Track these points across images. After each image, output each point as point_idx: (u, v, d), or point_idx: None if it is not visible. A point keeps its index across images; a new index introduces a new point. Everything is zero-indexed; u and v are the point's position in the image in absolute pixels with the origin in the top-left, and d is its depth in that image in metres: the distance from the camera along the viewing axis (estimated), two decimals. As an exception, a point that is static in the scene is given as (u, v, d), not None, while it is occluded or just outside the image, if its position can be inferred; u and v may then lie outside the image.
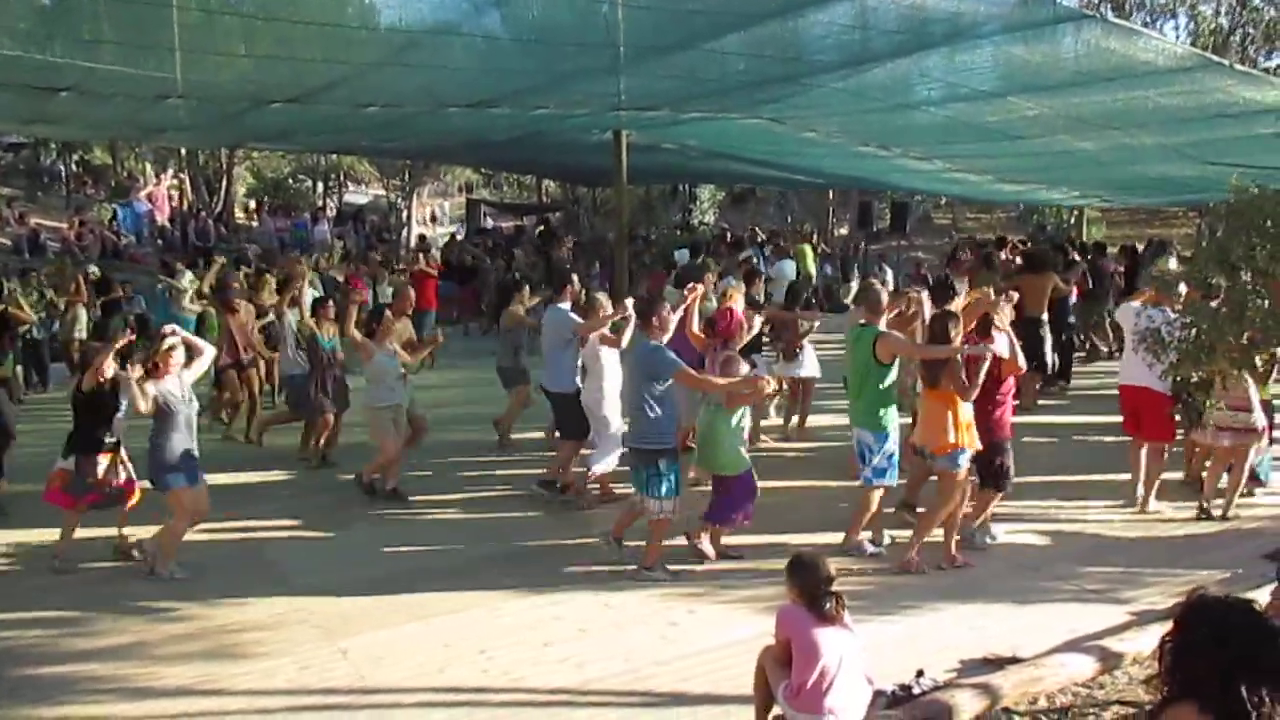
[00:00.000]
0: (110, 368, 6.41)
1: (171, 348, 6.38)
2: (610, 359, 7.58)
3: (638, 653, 5.29)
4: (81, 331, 13.09)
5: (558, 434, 8.18)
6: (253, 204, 31.77)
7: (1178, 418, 7.78)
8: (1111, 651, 5.00)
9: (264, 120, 9.83)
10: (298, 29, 7.03)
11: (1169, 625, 2.48)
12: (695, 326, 7.74)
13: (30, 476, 7.54)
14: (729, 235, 24.64)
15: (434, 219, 35.99)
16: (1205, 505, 7.37)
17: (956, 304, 7.41)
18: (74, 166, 29.01)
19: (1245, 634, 2.37)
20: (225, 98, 8.46)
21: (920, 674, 4.84)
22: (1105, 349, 13.62)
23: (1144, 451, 7.55)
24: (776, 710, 4.27)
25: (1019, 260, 12.66)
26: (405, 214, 31.22)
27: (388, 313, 8.44)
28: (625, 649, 5.33)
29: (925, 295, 8.31)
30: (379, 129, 11.26)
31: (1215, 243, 6.73)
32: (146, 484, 6.52)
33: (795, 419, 9.74)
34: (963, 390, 6.18)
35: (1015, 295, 7.43)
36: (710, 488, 6.69)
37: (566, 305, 7.96)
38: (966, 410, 6.27)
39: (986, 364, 6.24)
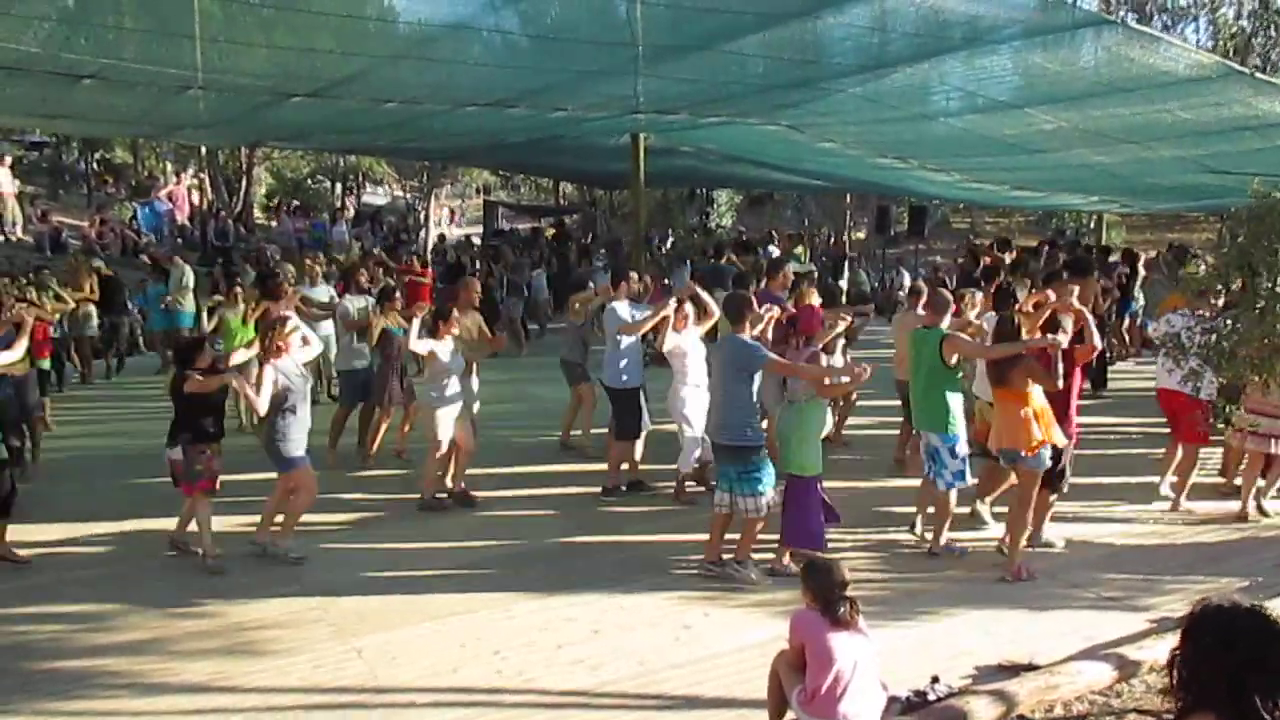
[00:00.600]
0: (216, 381, 6.52)
1: (293, 329, 6.68)
2: (693, 362, 7.61)
3: (651, 655, 5.28)
4: (93, 330, 13.18)
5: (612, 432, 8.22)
6: (277, 202, 31.90)
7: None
8: (1129, 659, 4.96)
9: (283, 116, 9.88)
10: (317, 20, 7.07)
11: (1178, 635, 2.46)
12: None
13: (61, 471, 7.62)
14: (745, 238, 24.61)
15: (451, 218, 36.06)
16: (1244, 508, 7.37)
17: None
18: (95, 165, 29.20)
19: (1253, 636, 2.35)
20: (245, 90, 8.50)
21: (935, 680, 4.81)
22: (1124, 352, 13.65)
23: (1178, 452, 7.64)
24: (790, 715, 4.25)
25: (1063, 265, 12.48)
26: (423, 215, 31.30)
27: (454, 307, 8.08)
28: (639, 651, 5.32)
29: (980, 297, 8.28)
30: (397, 127, 11.29)
31: (1236, 247, 6.68)
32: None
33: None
34: (1049, 380, 6.11)
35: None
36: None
37: (624, 302, 7.99)
38: (1043, 404, 6.21)
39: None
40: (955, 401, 6.59)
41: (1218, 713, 2.34)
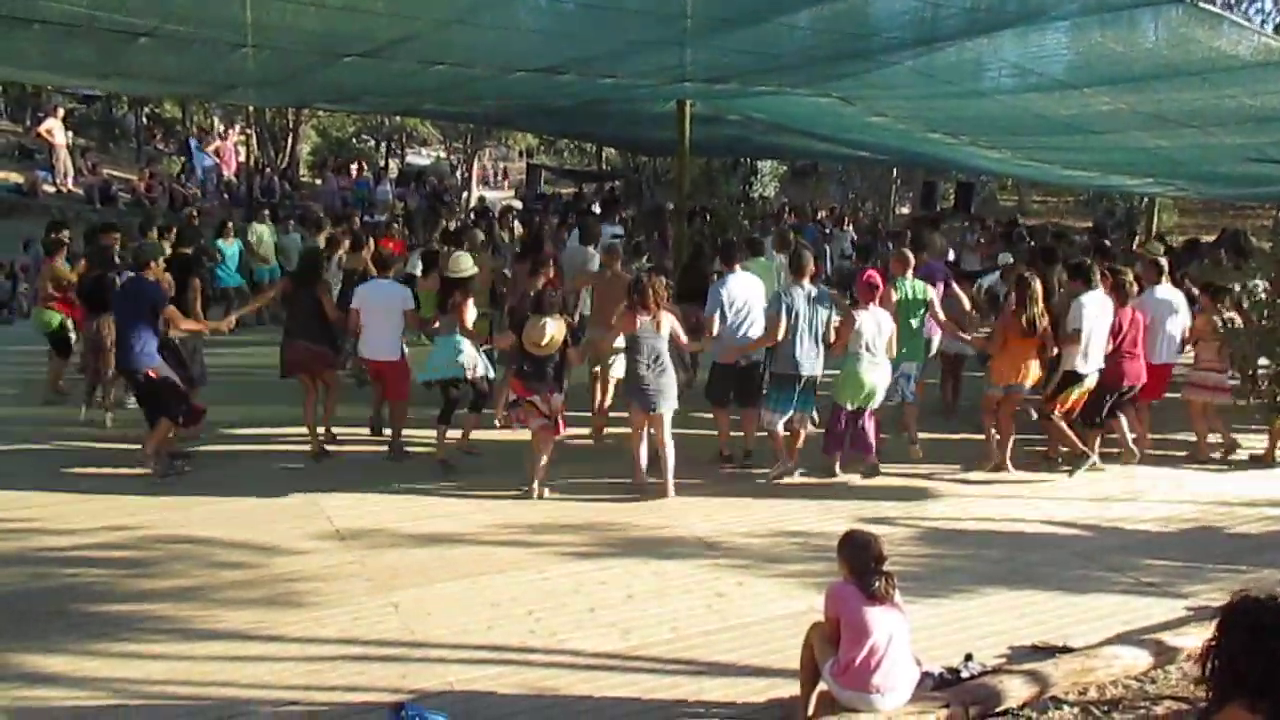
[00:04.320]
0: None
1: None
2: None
3: (684, 622, 5.31)
4: None
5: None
6: (325, 162, 32.08)
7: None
8: (1167, 646, 4.91)
9: (332, 77, 9.89)
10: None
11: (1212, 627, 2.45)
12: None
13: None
14: (787, 209, 24.41)
15: (486, 182, 36.11)
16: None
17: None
18: (145, 120, 29.54)
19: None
20: (295, 50, 8.52)
21: (969, 658, 4.80)
22: None
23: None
24: (822, 686, 4.27)
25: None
26: (466, 176, 31.37)
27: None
28: (671, 617, 5.36)
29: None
30: (445, 90, 11.26)
31: None
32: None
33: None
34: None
35: None
36: None
37: (731, 277, 7.96)
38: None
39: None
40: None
41: (1251, 704, 2.33)
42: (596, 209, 20.50)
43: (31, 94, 26.05)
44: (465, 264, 8.16)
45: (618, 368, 8.17)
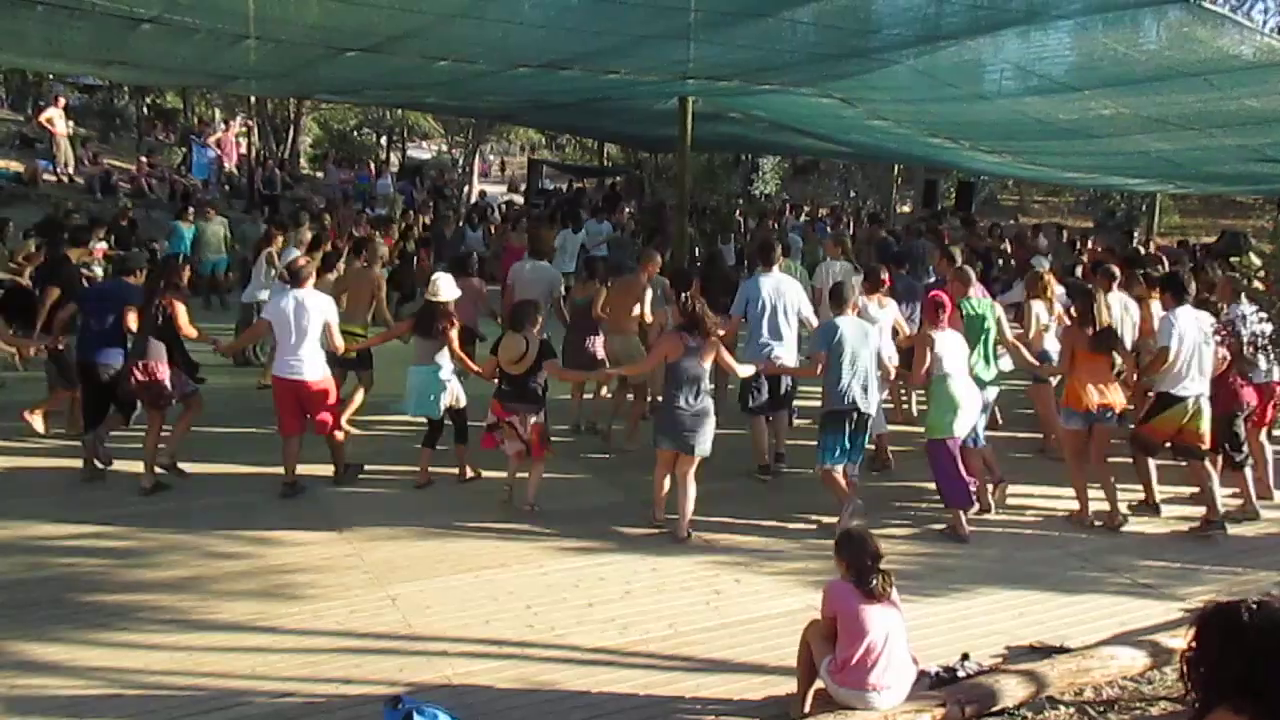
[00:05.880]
0: None
1: None
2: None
3: (682, 618, 5.32)
4: None
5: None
6: (326, 155, 32.08)
7: None
8: (1163, 647, 4.91)
9: (335, 70, 9.87)
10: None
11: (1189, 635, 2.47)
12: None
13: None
14: (789, 207, 24.42)
15: (484, 175, 36.10)
16: None
17: None
18: (146, 110, 29.51)
19: (1261, 628, 2.35)
20: (297, 42, 8.50)
21: (965, 657, 4.81)
22: None
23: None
24: (819, 684, 4.28)
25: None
26: (467, 171, 31.36)
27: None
28: (669, 613, 5.37)
29: None
30: (448, 85, 11.26)
31: None
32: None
33: None
34: None
35: None
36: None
37: (764, 277, 7.87)
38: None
39: None
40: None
41: (1235, 707, 2.34)
42: (582, 209, 20.31)
43: (33, 83, 26.02)
44: (445, 287, 7.24)
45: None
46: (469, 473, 7.44)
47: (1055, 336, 8.03)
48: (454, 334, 7.12)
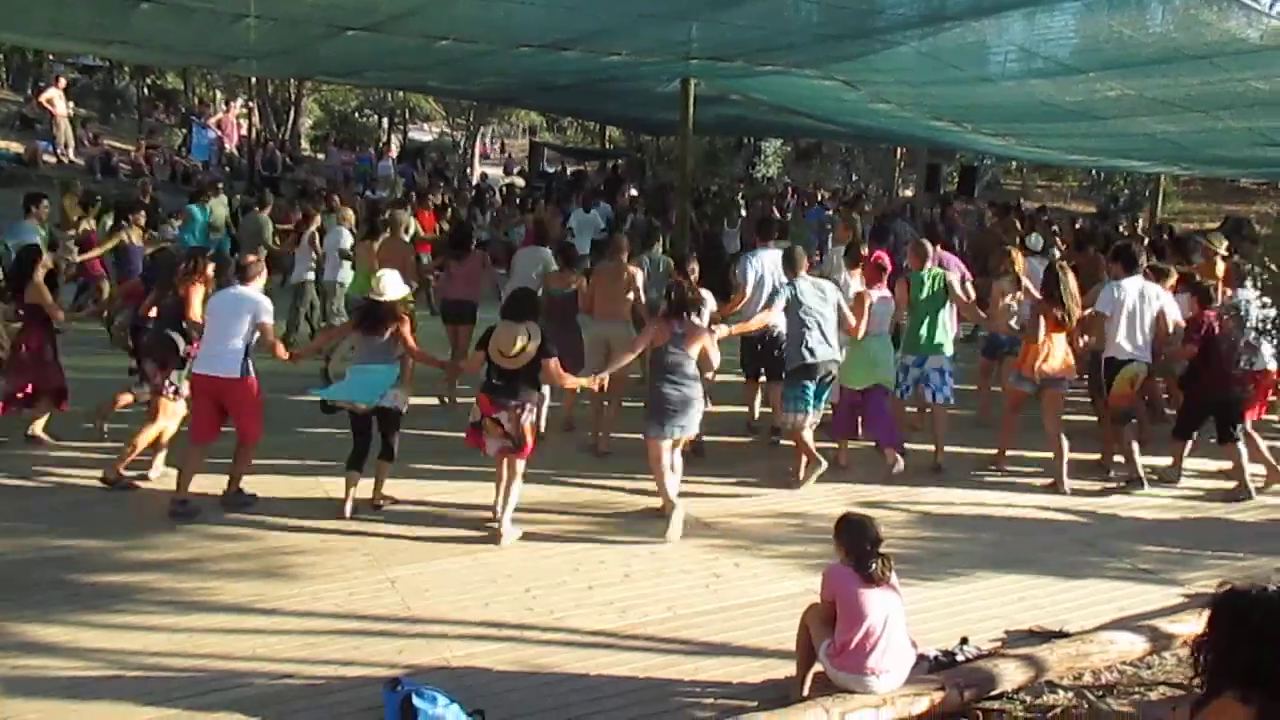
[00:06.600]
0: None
1: None
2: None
3: (681, 601, 5.32)
4: None
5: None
6: (327, 136, 31.99)
7: None
8: (1162, 632, 4.91)
9: (336, 50, 9.81)
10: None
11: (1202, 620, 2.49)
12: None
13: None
14: (791, 190, 24.36)
15: (485, 157, 36.01)
16: None
17: None
18: (146, 90, 29.41)
19: (1272, 617, 2.37)
20: (298, 20, 8.45)
21: (964, 641, 4.81)
22: None
23: None
24: (818, 668, 4.28)
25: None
26: (468, 153, 31.27)
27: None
28: (668, 597, 5.37)
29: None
30: (450, 66, 11.18)
31: None
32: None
33: None
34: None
35: None
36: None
37: (763, 252, 8.11)
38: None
39: None
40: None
41: (1243, 694, 2.36)
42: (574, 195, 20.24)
43: (33, 63, 25.92)
44: (392, 284, 6.52)
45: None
46: (383, 498, 6.60)
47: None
48: (406, 330, 6.49)
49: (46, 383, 7.48)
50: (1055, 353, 7.25)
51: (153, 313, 7.08)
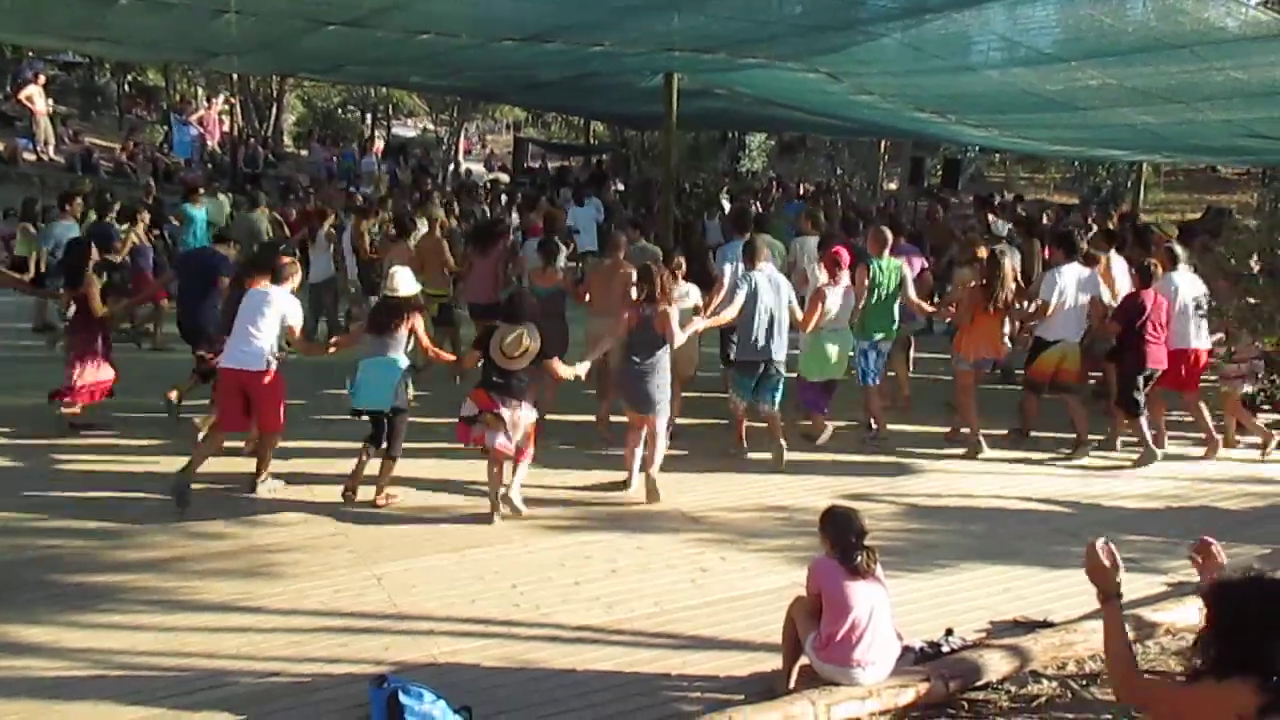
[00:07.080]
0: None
1: None
2: None
3: (667, 596, 5.32)
4: None
5: None
6: (310, 133, 31.85)
7: None
8: (1146, 621, 4.94)
9: (317, 45, 9.79)
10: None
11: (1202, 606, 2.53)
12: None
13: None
14: (775, 184, 24.37)
15: (468, 153, 35.91)
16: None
17: None
18: (127, 87, 29.20)
19: (1268, 603, 2.41)
20: (279, 15, 8.41)
21: (949, 632, 4.83)
22: None
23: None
24: (804, 660, 4.29)
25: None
26: (451, 149, 31.14)
27: None
28: (655, 591, 5.37)
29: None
30: (432, 60, 11.16)
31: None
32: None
33: None
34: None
35: None
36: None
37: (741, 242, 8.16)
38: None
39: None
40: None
41: (1243, 680, 2.39)
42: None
43: (12, 59, 25.69)
44: (405, 281, 6.70)
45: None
46: (386, 497, 6.57)
47: None
48: (419, 325, 6.67)
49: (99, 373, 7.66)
50: (986, 335, 7.88)
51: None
